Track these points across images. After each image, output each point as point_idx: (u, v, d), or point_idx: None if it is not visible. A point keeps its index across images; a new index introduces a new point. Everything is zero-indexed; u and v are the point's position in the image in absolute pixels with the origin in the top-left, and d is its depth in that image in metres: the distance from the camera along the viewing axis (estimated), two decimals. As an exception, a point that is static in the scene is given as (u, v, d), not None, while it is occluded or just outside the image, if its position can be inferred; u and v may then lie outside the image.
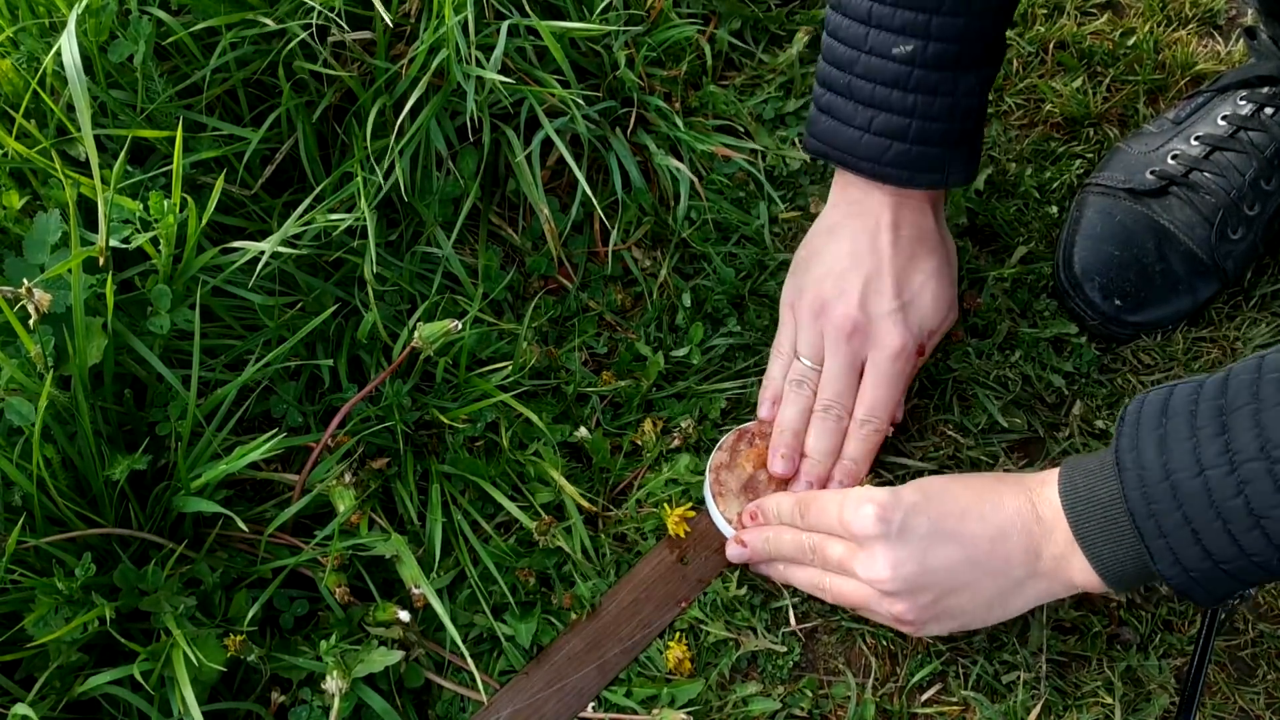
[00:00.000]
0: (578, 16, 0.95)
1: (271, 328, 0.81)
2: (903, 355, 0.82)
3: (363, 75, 0.88)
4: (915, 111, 0.79)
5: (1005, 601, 0.72)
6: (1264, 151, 0.94)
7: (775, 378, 0.87)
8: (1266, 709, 0.80)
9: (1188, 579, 0.64)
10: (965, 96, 0.80)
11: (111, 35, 0.80)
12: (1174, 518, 0.62)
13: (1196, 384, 0.64)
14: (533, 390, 0.88)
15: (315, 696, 0.74)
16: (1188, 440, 0.62)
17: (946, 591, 0.72)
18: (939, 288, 0.84)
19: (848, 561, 0.74)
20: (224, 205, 0.84)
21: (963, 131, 0.82)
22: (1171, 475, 0.62)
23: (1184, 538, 0.62)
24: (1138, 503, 0.64)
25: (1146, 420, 0.65)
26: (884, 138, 0.81)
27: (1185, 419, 0.63)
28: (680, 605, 0.80)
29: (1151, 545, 0.64)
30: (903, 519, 0.71)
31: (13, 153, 0.75)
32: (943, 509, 0.72)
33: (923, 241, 0.84)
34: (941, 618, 0.73)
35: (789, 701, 0.78)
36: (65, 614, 0.68)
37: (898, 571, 0.71)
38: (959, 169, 0.83)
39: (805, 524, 0.77)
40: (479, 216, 0.95)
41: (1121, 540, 0.66)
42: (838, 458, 0.83)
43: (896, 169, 0.81)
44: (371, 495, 0.80)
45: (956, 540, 0.71)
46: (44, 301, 0.63)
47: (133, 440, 0.76)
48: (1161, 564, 0.64)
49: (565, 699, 0.77)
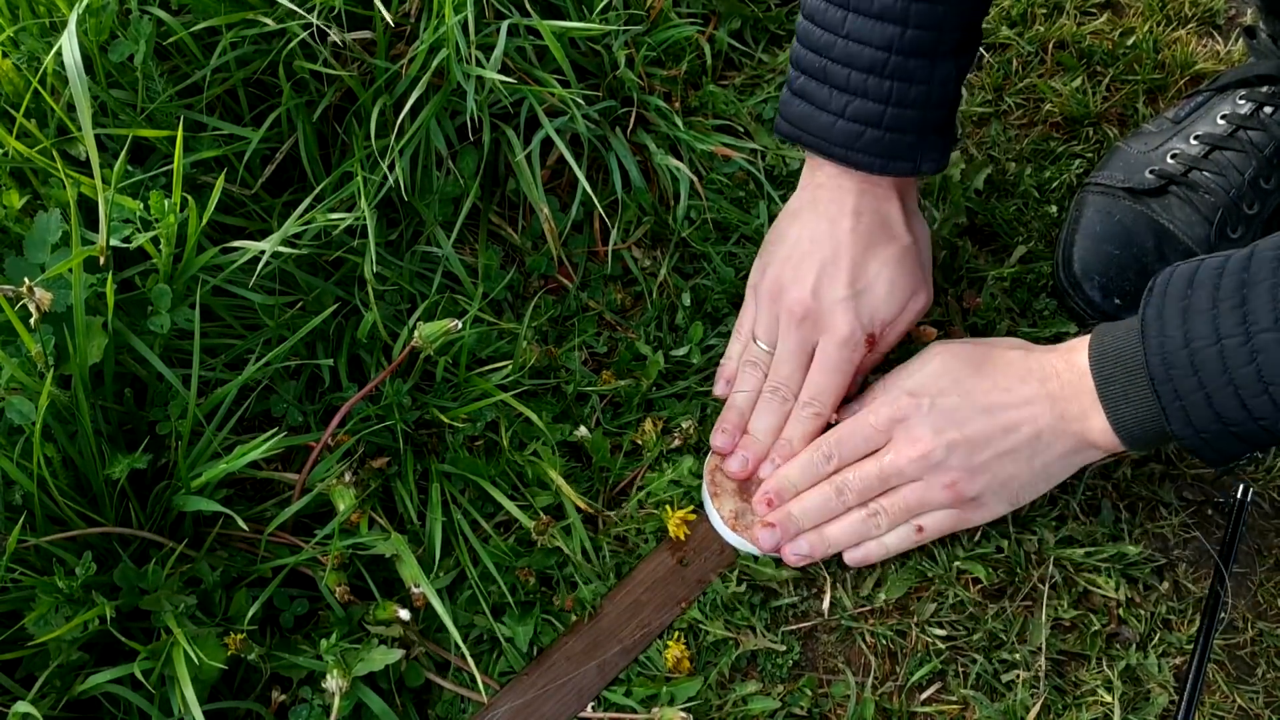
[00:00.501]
0: (578, 16, 0.95)
1: (272, 327, 0.81)
2: (849, 343, 0.82)
3: (363, 75, 0.88)
4: (891, 98, 0.79)
5: (1046, 462, 0.77)
6: (1263, 150, 0.94)
7: (732, 358, 0.88)
8: (1266, 708, 0.80)
9: (1199, 439, 0.69)
10: (941, 85, 0.80)
11: (112, 35, 0.80)
12: (1189, 383, 0.67)
13: (1223, 258, 0.68)
14: (533, 390, 0.88)
15: (315, 695, 0.74)
16: (1209, 311, 0.66)
17: (993, 454, 0.76)
18: (895, 277, 0.83)
19: (888, 465, 0.77)
20: (224, 205, 0.84)
21: (937, 120, 0.82)
22: (1191, 343, 0.66)
23: (1198, 401, 0.67)
24: (1158, 368, 0.68)
25: (1173, 291, 0.69)
26: (858, 124, 0.81)
27: (1208, 291, 0.67)
28: (680, 606, 0.81)
29: (1168, 408, 0.68)
30: (933, 401, 0.77)
31: (13, 152, 0.75)
32: (970, 387, 0.77)
33: (884, 229, 0.83)
34: (995, 489, 0.77)
35: (788, 700, 0.78)
36: (66, 613, 0.68)
37: (941, 437, 0.76)
38: (931, 158, 0.83)
39: (835, 464, 0.80)
40: (479, 216, 0.95)
41: (1141, 401, 0.70)
42: (777, 438, 0.84)
43: (868, 156, 0.81)
44: (371, 494, 0.80)
45: (989, 414, 0.76)
46: (45, 300, 0.63)
47: (133, 439, 0.76)
48: (1175, 424, 0.69)
49: (565, 699, 0.77)
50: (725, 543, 0.83)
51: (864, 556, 0.81)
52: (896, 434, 0.78)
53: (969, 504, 0.78)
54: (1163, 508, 0.87)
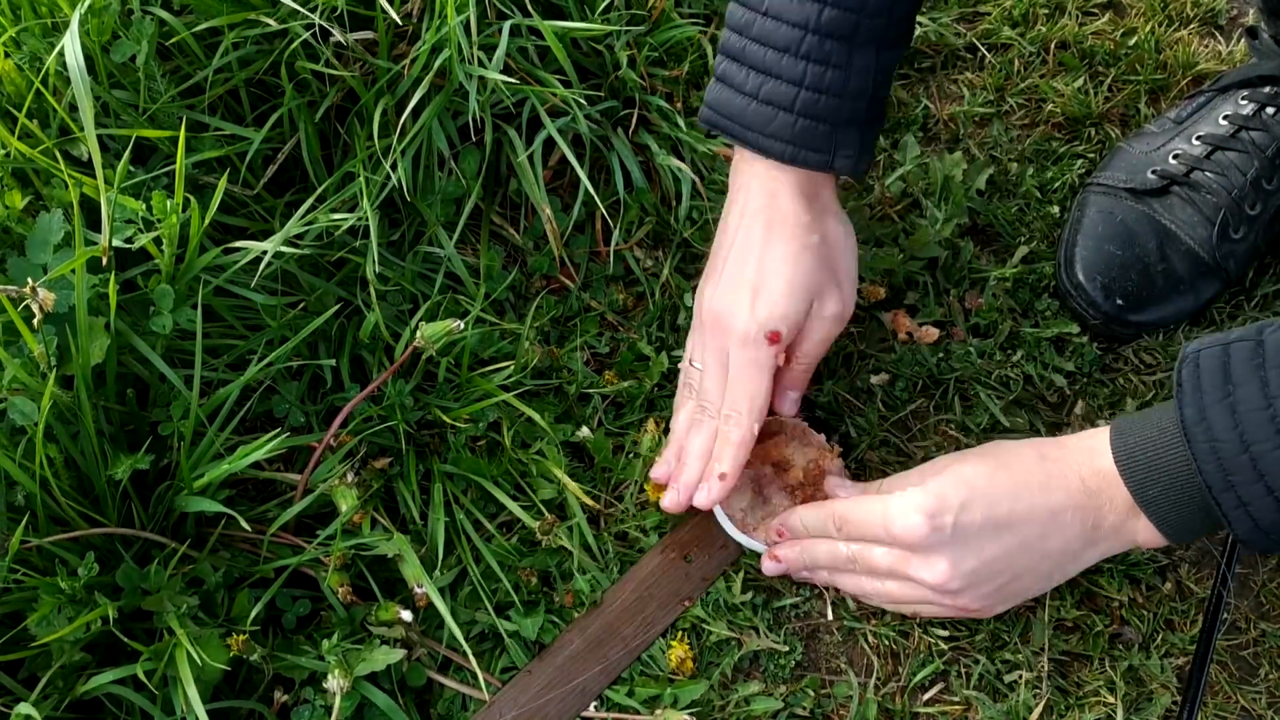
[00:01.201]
0: (579, 16, 0.95)
1: (274, 327, 0.81)
2: (750, 342, 0.78)
3: (365, 75, 0.88)
4: (804, 81, 0.76)
5: (1065, 570, 0.75)
6: (1265, 151, 0.94)
7: (680, 385, 0.86)
8: (1268, 708, 0.80)
9: (1267, 540, 0.65)
10: (859, 74, 0.76)
11: (114, 35, 0.80)
12: (1256, 488, 0.62)
13: (1254, 341, 0.63)
14: (535, 390, 0.88)
15: (318, 696, 0.74)
16: (1264, 410, 0.61)
17: (1009, 577, 0.73)
18: (795, 271, 0.78)
19: (901, 567, 0.74)
20: (226, 205, 0.85)
21: (853, 112, 0.78)
22: (1251, 447, 0.62)
23: (1267, 505, 0.63)
24: (1214, 475, 0.63)
25: (1209, 386, 0.64)
26: (771, 106, 0.77)
27: (1256, 387, 0.62)
28: (683, 603, 0.80)
29: (1230, 514, 0.64)
30: (954, 520, 0.71)
31: (15, 152, 0.75)
32: (992, 500, 0.71)
33: (786, 224, 0.79)
34: (1007, 599, 0.76)
35: (791, 701, 0.78)
36: (68, 613, 0.68)
37: (958, 570, 0.72)
38: (845, 154, 0.79)
39: (843, 536, 0.77)
40: (481, 216, 0.95)
41: (1190, 504, 0.66)
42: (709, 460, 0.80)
43: (780, 142, 0.78)
44: (374, 495, 0.80)
45: (1011, 529, 0.71)
46: (48, 301, 0.63)
47: (135, 440, 0.76)
48: (1240, 528, 0.64)
49: (567, 698, 0.77)
50: (729, 539, 0.82)
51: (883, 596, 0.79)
52: (916, 553, 0.72)
53: (970, 612, 0.77)
54: (1165, 508, 0.87)
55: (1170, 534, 0.69)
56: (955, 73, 1.09)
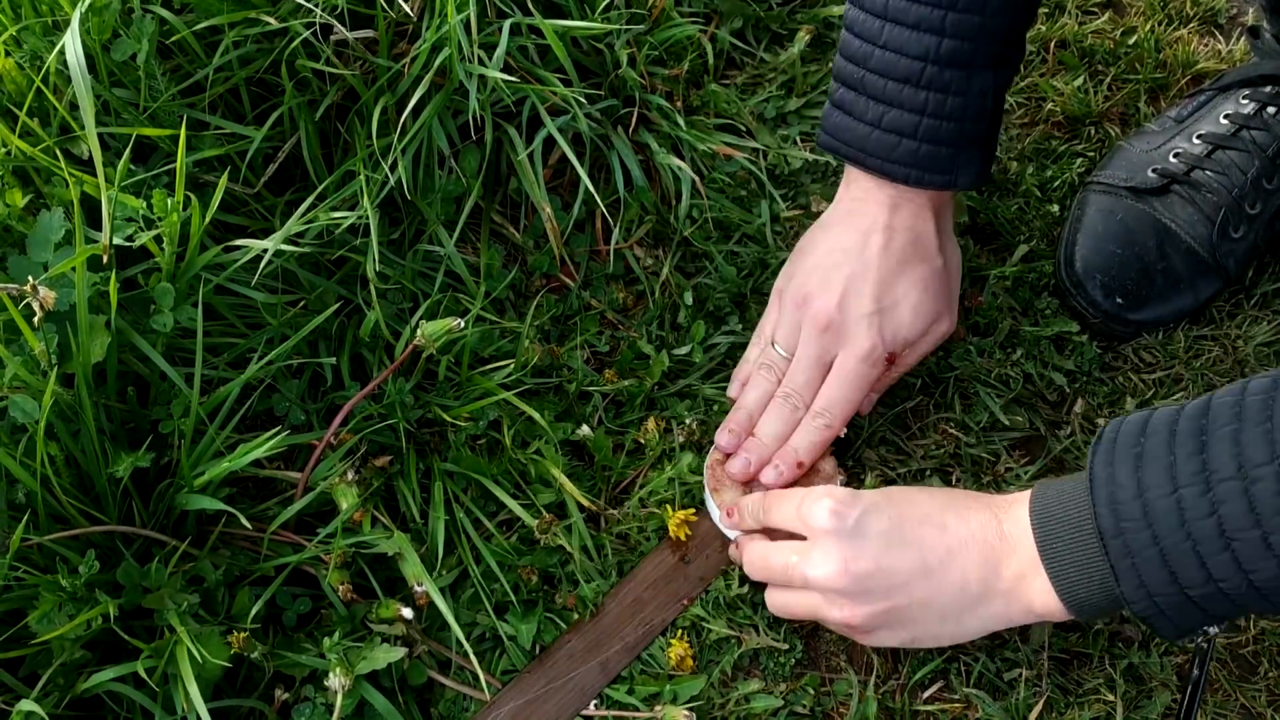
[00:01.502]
0: (580, 15, 0.95)
1: (274, 326, 0.82)
2: (869, 359, 0.81)
3: (365, 74, 0.88)
4: (926, 109, 0.79)
5: (959, 618, 0.70)
6: (1266, 150, 0.94)
7: (749, 360, 0.87)
8: (1268, 706, 0.80)
9: (1154, 605, 0.62)
10: (978, 97, 0.79)
11: (114, 34, 0.80)
12: (1142, 536, 0.61)
13: (1177, 408, 0.63)
14: (535, 388, 0.88)
15: (318, 694, 0.74)
16: (1165, 458, 0.61)
17: (899, 598, 0.70)
18: (922, 299, 0.82)
19: (797, 566, 0.73)
20: (227, 204, 0.85)
21: (974, 133, 0.81)
22: (1145, 493, 0.61)
23: (1151, 558, 0.61)
24: (1107, 520, 0.62)
25: (1124, 439, 0.63)
26: (893, 134, 0.80)
27: (1164, 438, 0.61)
28: (682, 603, 0.81)
29: (1118, 566, 0.62)
30: (859, 516, 0.71)
31: (16, 151, 0.75)
32: (903, 513, 0.71)
33: (916, 248, 0.83)
34: (893, 625, 0.71)
35: (791, 699, 0.78)
36: (69, 611, 0.68)
37: (849, 567, 0.70)
38: (968, 172, 0.82)
39: (766, 520, 0.78)
40: (481, 215, 0.95)
41: (1088, 562, 0.64)
42: (783, 444, 0.82)
43: (903, 167, 0.81)
44: (374, 493, 0.80)
45: (914, 545, 0.70)
46: (48, 299, 0.63)
47: (136, 438, 0.76)
48: (1127, 587, 0.62)
49: (567, 697, 0.77)
50: (727, 539, 0.83)
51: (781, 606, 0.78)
52: (813, 541, 0.73)
53: (857, 632, 0.74)
54: (1165, 507, 0.87)
55: (1064, 594, 0.66)
56: (955, 72, 1.09)
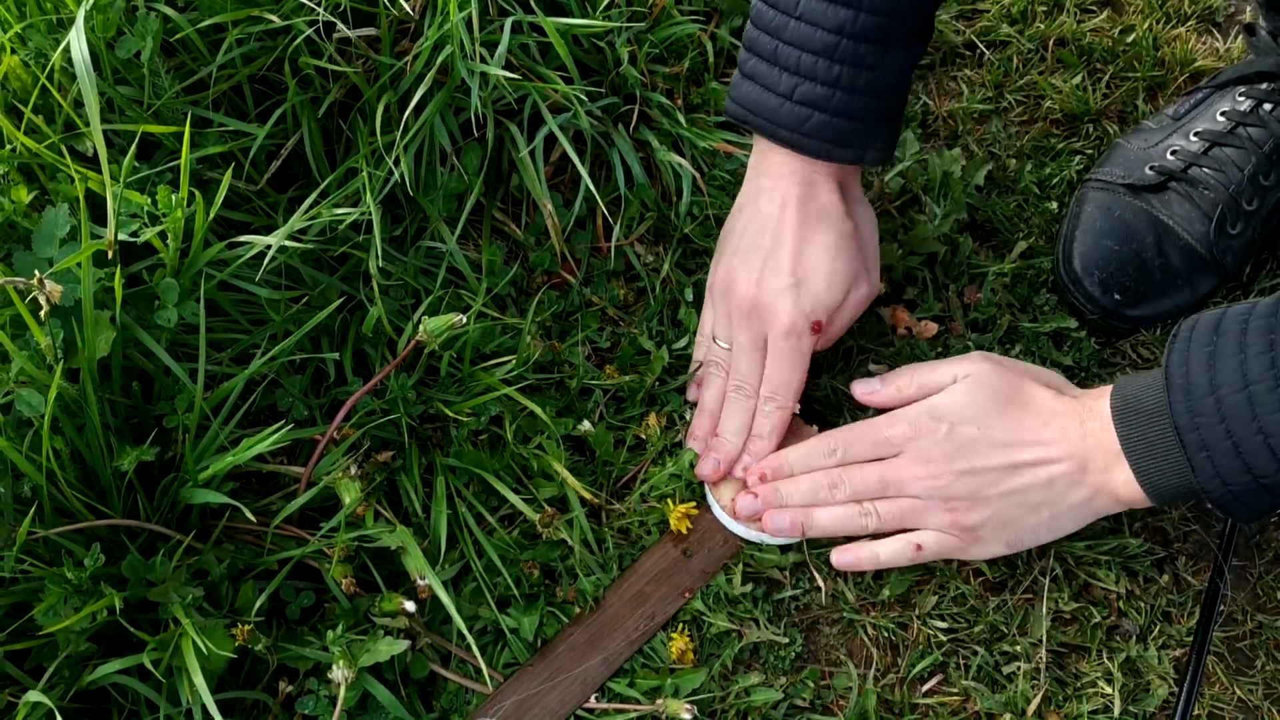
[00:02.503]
0: (581, 13, 0.96)
1: (277, 322, 0.82)
2: (794, 333, 0.81)
3: (368, 71, 0.89)
4: (839, 83, 0.79)
5: (1055, 512, 0.76)
6: (1262, 147, 0.94)
7: (697, 360, 0.89)
8: (1265, 699, 0.80)
9: (1228, 493, 0.66)
10: (892, 73, 0.79)
11: (119, 32, 0.80)
12: (1217, 431, 0.65)
13: (1250, 305, 0.66)
14: (536, 384, 0.88)
15: (322, 686, 0.75)
16: (1235, 356, 0.64)
17: (993, 492, 0.75)
18: (835, 265, 0.82)
19: (891, 471, 0.76)
20: (230, 200, 0.85)
21: (885, 109, 0.81)
22: (1217, 390, 0.64)
23: (1226, 451, 0.65)
24: (1183, 416, 0.66)
25: (1198, 338, 0.67)
26: (805, 107, 0.80)
27: (1235, 337, 0.65)
28: (684, 597, 0.81)
29: (1194, 459, 0.66)
30: (952, 427, 0.76)
31: (21, 148, 0.76)
32: (992, 422, 0.76)
33: (824, 217, 0.82)
34: (995, 526, 0.76)
35: (791, 692, 0.78)
36: (74, 604, 0.68)
37: (951, 465, 0.74)
38: (876, 147, 0.82)
39: (838, 458, 0.80)
40: (483, 212, 0.96)
41: (1167, 454, 0.68)
42: (749, 436, 0.84)
43: (814, 140, 0.81)
44: (377, 488, 0.81)
45: (1006, 450, 0.75)
46: (55, 293, 0.63)
47: (140, 432, 0.77)
48: (1203, 477, 0.66)
49: (569, 690, 0.78)
50: (729, 533, 0.83)
51: (853, 561, 0.80)
52: (908, 449, 0.78)
53: (967, 534, 0.77)
54: (1162, 501, 0.87)
55: (1145, 483, 0.70)
56: (954, 70, 1.10)
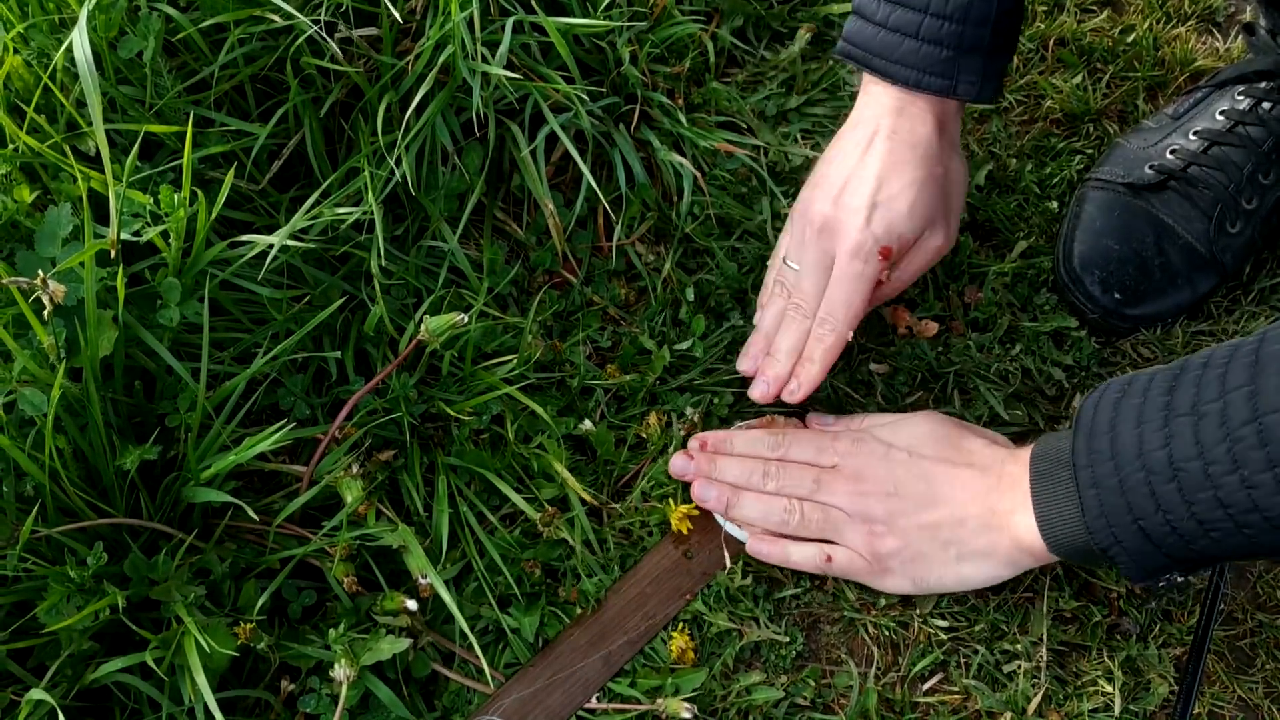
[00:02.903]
0: (582, 13, 0.96)
1: (279, 321, 0.82)
2: (862, 254, 0.80)
3: (369, 71, 0.89)
4: (929, 8, 0.79)
5: (961, 553, 0.77)
6: (1262, 146, 0.95)
7: (767, 285, 0.89)
8: (1265, 698, 0.81)
9: (1111, 536, 0.67)
10: (982, 1, 0.78)
11: (121, 31, 0.80)
12: (1106, 467, 0.66)
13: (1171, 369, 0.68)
14: (537, 383, 0.88)
15: (323, 685, 0.75)
16: (1138, 399, 0.66)
17: (914, 525, 0.77)
18: (919, 197, 0.81)
19: (825, 476, 0.80)
20: (232, 200, 0.85)
21: (975, 39, 0.79)
22: (1115, 428, 0.66)
23: (1111, 487, 0.66)
24: (1082, 453, 0.68)
25: (1113, 387, 0.69)
26: (896, 33, 0.80)
27: (1143, 384, 0.67)
28: (684, 597, 0.81)
29: (1084, 495, 0.68)
30: (889, 452, 0.79)
31: (24, 147, 0.76)
32: (925, 455, 0.79)
33: (916, 152, 0.82)
34: (904, 559, 0.78)
35: (792, 691, 0.79)
36: (77, 602, 0.68)
37: (879, 485, 0.78)
38: (968, 80, 0.81)
39: (778, 454, 0.82)
40: (484, 211, 0.96)
41: (1065, 496, 0.70)
42: (799, 357, 0.84)
43: (905, 68, 0.80)
44: (378, 487, 0.81)
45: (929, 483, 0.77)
46: (58, 293, 0.63)
47: (143, 431, 0.77)
48: (1089, 515, 0.67)
49: (570, 690, 0.78)
50: (728, 535, 0.83)
51: (766, 554, 0.81)
52: (845, 462, 0.80)
53: (877, 561, 0.78)
54: (1163, 500, 0.87)
55: (1044, 527, 0.71)
56: (954, 69, 1.10)
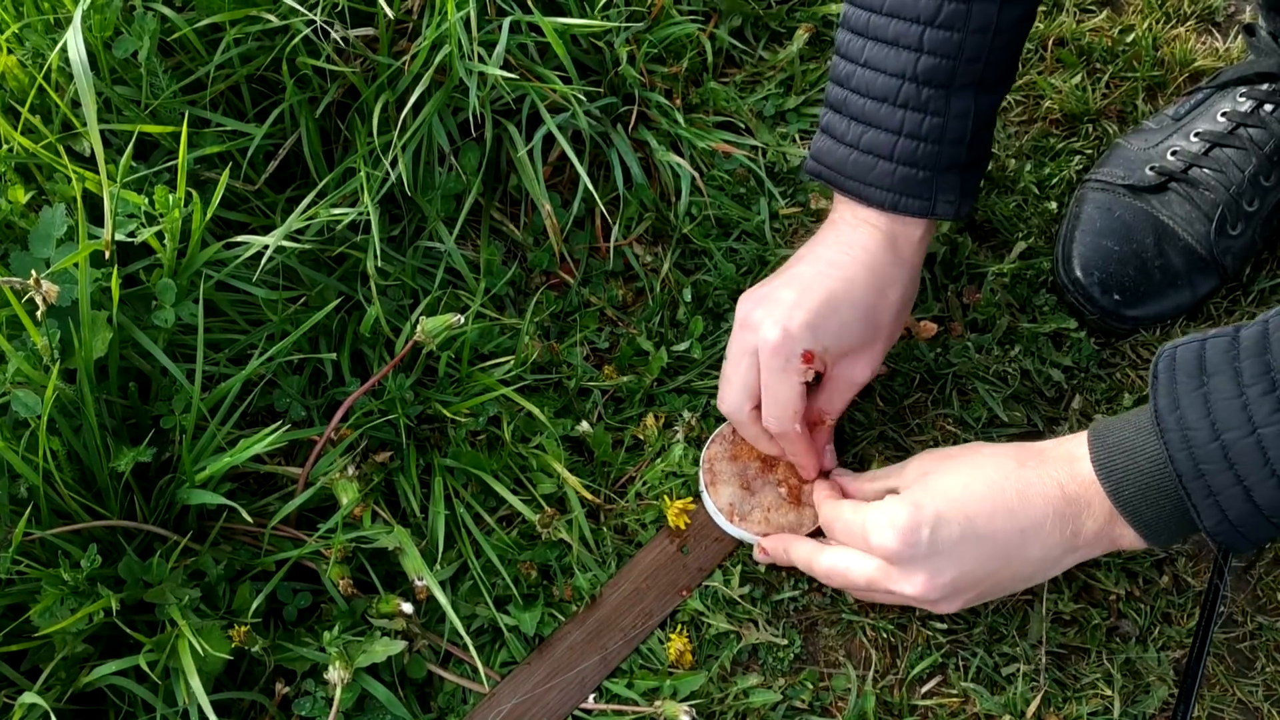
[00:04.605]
0: (579, 13, 0.96)
1: (275, 322, 0.82)
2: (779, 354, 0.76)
3: (365, 71, 0.89)
4: (903, 129, 0.77)
5: (1046, 573, 0.74)
6: (1263, 148, 0.94)
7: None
8: (1265, 701, 0.80)
9: (1233, 532, 0.64)
10: (957, 119, 0.77)
11: (116, 31, 0.80)
12: (1225, 478, 0.62)
13: (1230, 338, 0.63)
14: (534, 385, 0.88)
15: (318, 687, 0.74)
16: (1236, 399, 0.62)
17: (990, 585, 0.73)
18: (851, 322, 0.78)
19: (880, 581, 0.73)
20: (228, 200, 0.85)
21: (953, 158, 0.78)
22: (1222, 435, 0.62)
23: (1235, 496, 0.62)
24: (1185, 465, 0.63)
25: (1184, 377, 0.64)
26: (870, 155, 0.78)
27: (1229, 376, 0.62)
28: (681, 594, 0.81)
29: (1200, 505, 0.64)
30: (930, 535, 0.70)
31: (19, 148, 0.76)
32: (969, 513, 0.70)
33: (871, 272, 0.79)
34: (986, 598, 0.75)
35: (790, 693, 0.78)
36: (71, 605, 0.68)
37: (936, 582, 0.71)
38: (947, 199, 0.79)
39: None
40: (481, 212, 0.96)
41: (1166, 502, 0.66)
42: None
43: (880, 190, 0.79)
44: (374, 488, 0.81)
45: (990, 540, 0.70)
46: (51, 294, 0.63)
47: (137, 433, 0.76)
48: (1209, 521, 0.64)
49: (567, 690, 0.78)
50: (724, 533, 0.83)
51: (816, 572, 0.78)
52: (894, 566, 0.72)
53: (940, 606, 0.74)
54: (1162, 502, 0.87)
55: (1148, 535, 0.68)
56: (954, 70, 1.09)
